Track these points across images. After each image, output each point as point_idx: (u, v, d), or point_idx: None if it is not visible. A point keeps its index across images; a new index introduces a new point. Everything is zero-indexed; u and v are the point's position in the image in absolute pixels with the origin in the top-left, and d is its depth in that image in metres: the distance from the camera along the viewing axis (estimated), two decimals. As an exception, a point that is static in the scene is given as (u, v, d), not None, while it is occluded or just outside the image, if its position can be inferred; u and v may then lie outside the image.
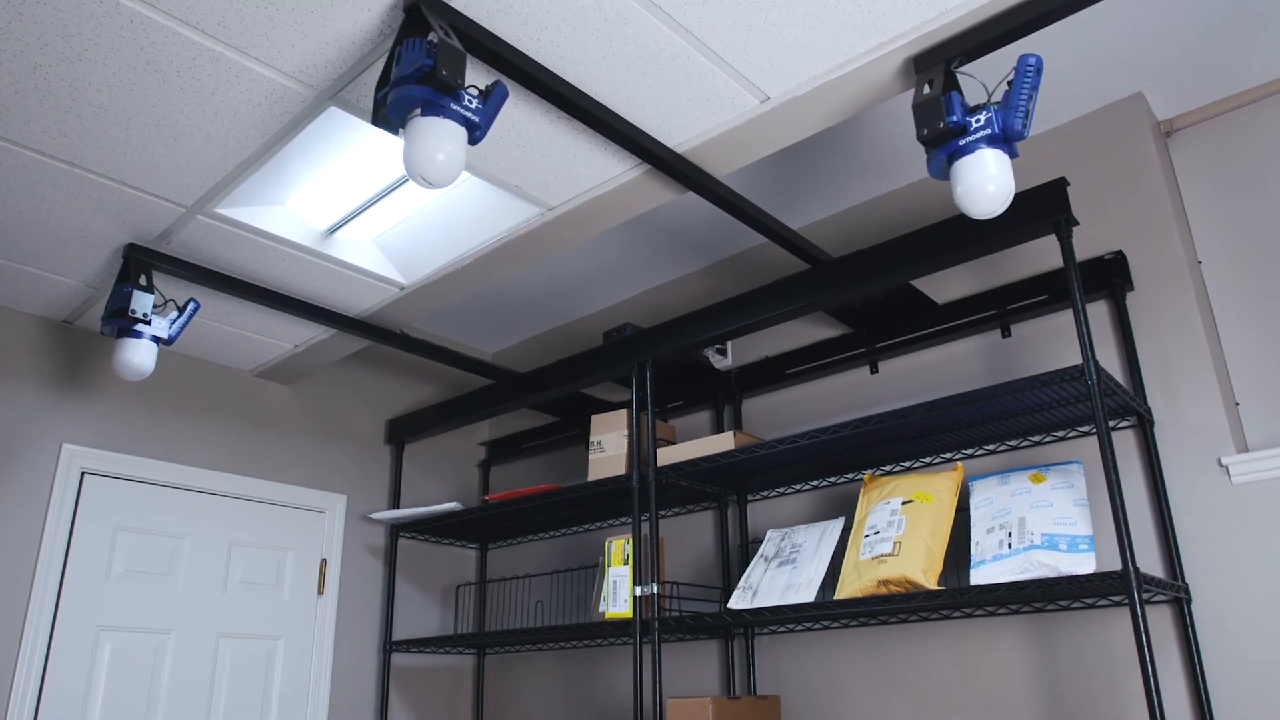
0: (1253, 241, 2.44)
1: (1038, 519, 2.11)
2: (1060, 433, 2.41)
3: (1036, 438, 2.45)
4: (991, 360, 2.62)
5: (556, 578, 3.62)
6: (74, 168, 2.13)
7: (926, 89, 1.75)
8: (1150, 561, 2.23)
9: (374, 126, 1.81)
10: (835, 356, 2.91)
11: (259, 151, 2.10)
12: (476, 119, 1.65)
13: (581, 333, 3.91)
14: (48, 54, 1.77)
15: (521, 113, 1.99)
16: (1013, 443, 2.49)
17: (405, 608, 3.65)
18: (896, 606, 2.27)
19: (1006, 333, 2.60)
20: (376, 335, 2.97)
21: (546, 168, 2.19)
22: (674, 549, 3.24)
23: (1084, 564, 1.97)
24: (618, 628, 2.70)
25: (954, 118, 1.69)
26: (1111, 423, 2.35)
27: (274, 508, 3.35)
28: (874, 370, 2.87)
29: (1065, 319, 2.51)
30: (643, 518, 2.95)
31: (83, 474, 2.90)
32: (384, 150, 2.21)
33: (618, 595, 2.76)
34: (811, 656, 2.76)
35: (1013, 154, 1.72)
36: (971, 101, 2.49)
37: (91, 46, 1.75)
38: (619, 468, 2.91)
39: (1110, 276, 2.39)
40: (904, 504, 2.31)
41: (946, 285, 2.77)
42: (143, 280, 2.44)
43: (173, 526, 3.06)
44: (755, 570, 2.61)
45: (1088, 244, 2.53)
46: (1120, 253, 2.41)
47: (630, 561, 2.72)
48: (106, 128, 2.00)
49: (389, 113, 1.63)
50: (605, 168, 2.19)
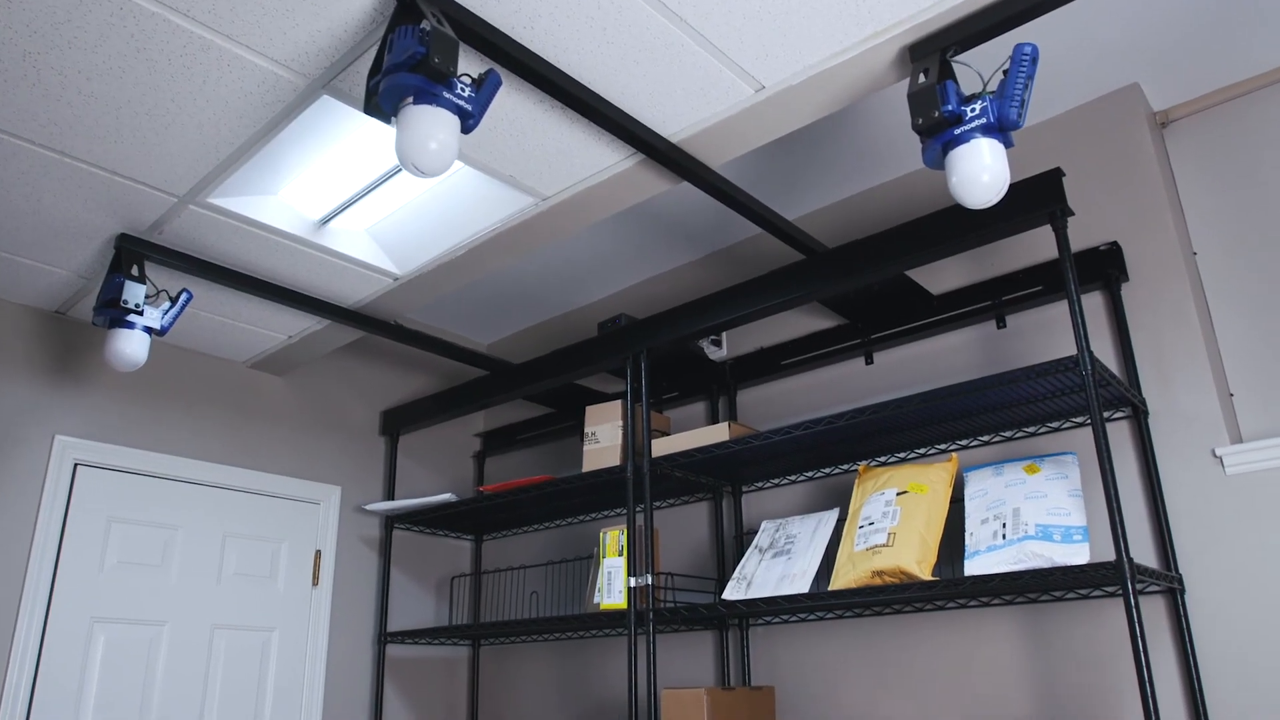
0: (1248, 232, 2.44)
1: (1032, 510, 2.11)
2: (1055, 424, 2.41)
3: (1031, 429, 2.45)
4: (986, 351, 2.62)
5: (551, 569, 3.62)
6: (64, 157, 2.12)
7: (922, 78, 1.75)
8: (1144, 552, 2.24)
9: (367, 115, 1.80)
10: (830, 347, 2.91)
11: (251, 140, 2.09)
12: (469, 107, 1.64)
13: (576, 324, 3.90)
14: (37, 41, 1.75)
15: (515, 102, 1.98)
16: (1007, 434, 2.49)
17: (400, 599, 3.65)
18: (891, 597, 2.27)
19: (1001, 324, 2.60)
20: (370, 326, 2.96)
21: (540, 157, 2.18)
22: (669, 540, 3.24)
23: (1078, 555, 1.98)
24: (612, 619, 2.70)
25: (949, 107, 1.69)
26: (1106, 413, 2.36)
27: (268, 499, 3.34)
28: (869, 361, 2.87)
29: (1060, 310, 2.51)
30: (637, 509, 2.95)
31: (75, 465, 2.89)
32: (377, 139, 2.20)
33: (612, 586, 2.76)
34: (806, 647, 2.77)
35: (1008, 144, 1.72)
36: (967, 91, 2.48)
37: (81, 34, 1.73)
38: (614, 459, 2.91)
39: (1105, 267, 2.39)
40: (898, 495, 2.31)
41: (941, 276, 2.77)
42: (135, 270, 2.43)
43: (166, 518, 3.05)
44: (750, 561, 2.61)
45: (1083, 234, 2.52)
46: (1115, 243, 2.41)
47: (625, 553, 2.72)
48: (97, 116, 1.98)
49: (381, 101, 1.62)
50: (599, 157, 2.18)
